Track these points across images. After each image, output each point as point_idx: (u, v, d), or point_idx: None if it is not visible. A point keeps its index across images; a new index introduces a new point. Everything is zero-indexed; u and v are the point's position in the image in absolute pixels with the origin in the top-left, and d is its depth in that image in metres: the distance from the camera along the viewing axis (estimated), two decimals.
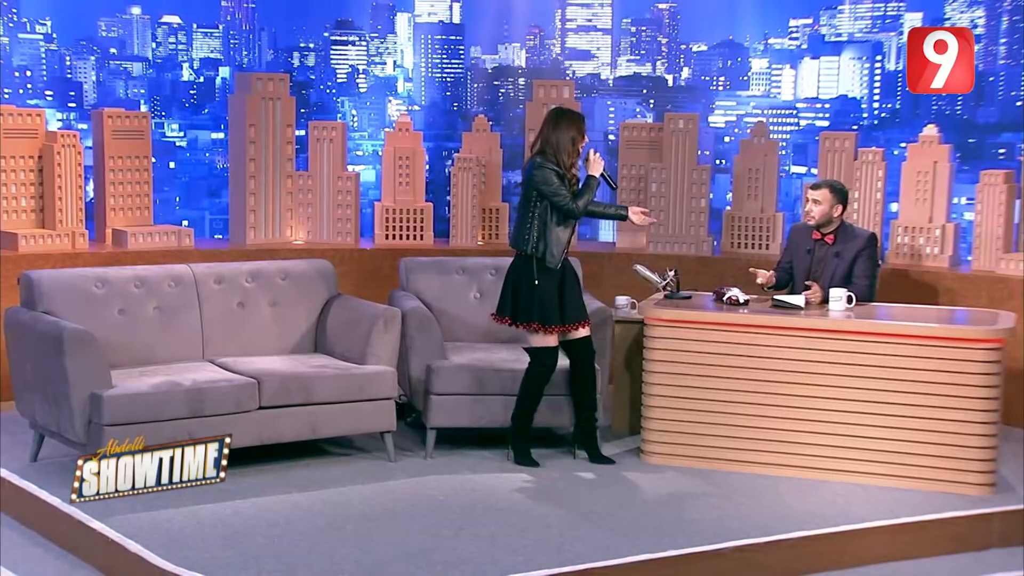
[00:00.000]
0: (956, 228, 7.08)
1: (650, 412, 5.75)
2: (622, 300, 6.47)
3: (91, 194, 7.50)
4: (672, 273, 5.97)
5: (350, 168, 7.88)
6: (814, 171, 7.66)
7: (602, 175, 5.61)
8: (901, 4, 23.11)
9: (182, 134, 25.34)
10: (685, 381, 5.65)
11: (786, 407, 5.54)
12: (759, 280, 6.08)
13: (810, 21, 24.27)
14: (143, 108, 21.63)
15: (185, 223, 7.81)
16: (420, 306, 6.01)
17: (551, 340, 5.56)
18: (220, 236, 10.20)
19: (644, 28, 25.61)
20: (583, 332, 5.60)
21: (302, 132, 7.88)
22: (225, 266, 6.17)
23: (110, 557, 4.47)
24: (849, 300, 5.72)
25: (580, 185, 5.58)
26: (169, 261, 6.60)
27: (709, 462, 5.63)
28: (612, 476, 5.56)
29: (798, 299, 5.73)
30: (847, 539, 4.78)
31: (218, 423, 5.32)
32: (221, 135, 23.79)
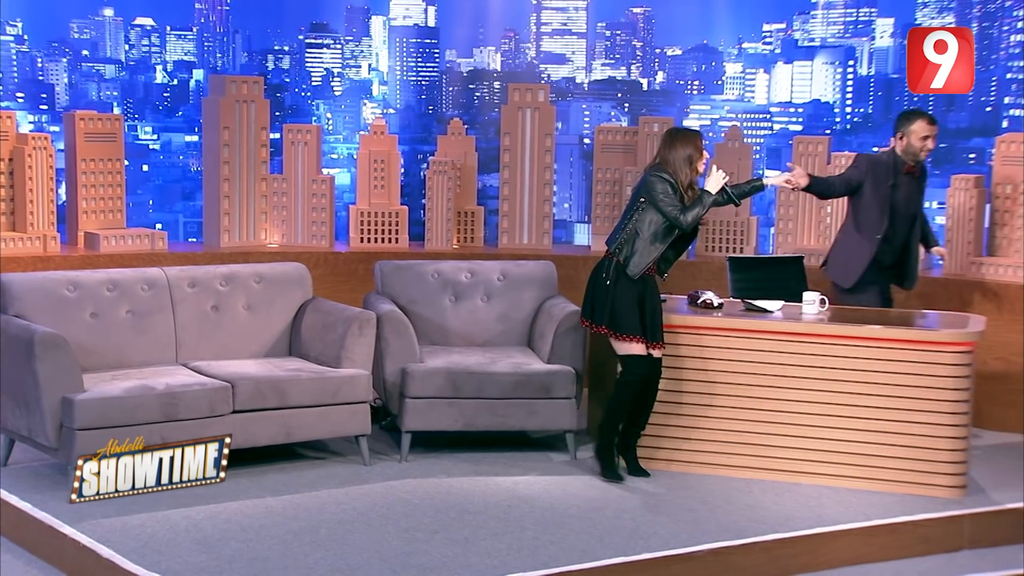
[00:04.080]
0: None
1: None
2: None
3: (63, 197, 7.45)
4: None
5: (325, 171, 7.86)
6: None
7: (724, 189, 5.51)
8: (873, 10, 23.28)
9: (155, 137, 25.18)
10: (659, 384, 5.66)
11: (759, 410, 5.56)
12: (791, 176, 5.91)
13: (783, 26, 24.40)
14: (116, 110, 21.48)
15: (159, 226, 7.78)
16: (395, 309, 6.01)
17: (637, 348, 5.45)
18: (194, 239, 10.16)
19: (619, 32, 25.66)
20: (656, 353, 5.51)
21: (276, 135, 7.85)
22: (199, 269, 6.14)
23: (81, 562, 4.43)
24: (822, 303, 5.76)
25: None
26: (142, 264, 6.56)
27: (683, 465, 5.65)
28: (587, 480, 5.56)
29: (772, 304, 5.76)
30: (820, 541, 4.80)
31: (191, 427, 5.29)
32: (195, 138, 23.66)
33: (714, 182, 5.50)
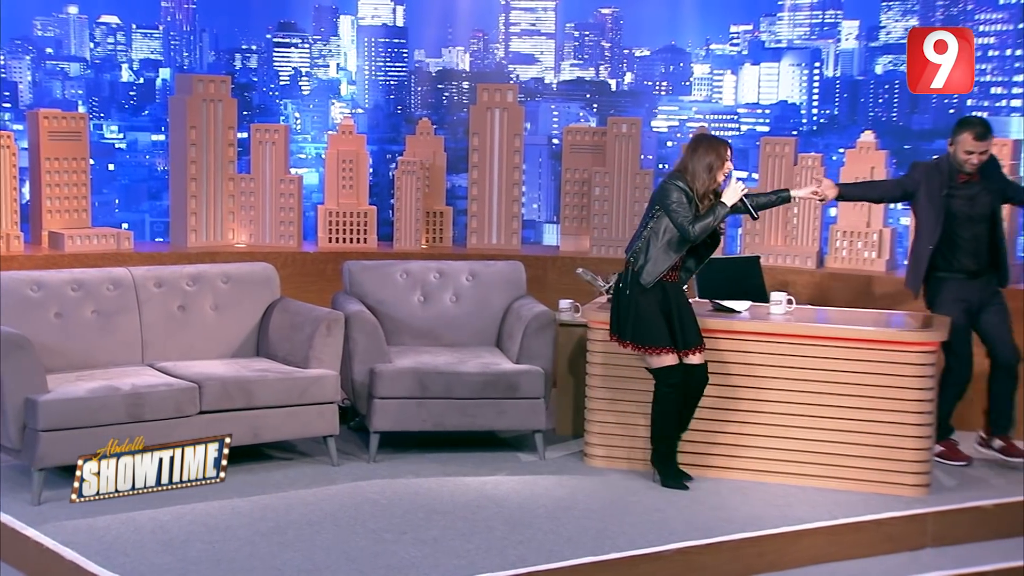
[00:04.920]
0: (893, 233, 7.20)
1: (593, 415, 5.77)
2: (565, 303, 6.50)
3: (27, 196, 7.38)
4: (615, 276, 5.99)
5: (293, 171, 7.84)
6: (755, 176, 7.76)
7: (742, 201, 5.38)
8: (838, 12, 23.44)
9: (121, 136, 24.94)
10: (627, 384, 5.68)
11: (727, 410, 5.59)
12: (818, 189, 5.78)
13: (750, 27, 24.53)
14: (81, 109, 21.27)
15: (125, 226, 7.72)
16: (363, 309, 5.99)
17: (669, 359, 5.35)
18: (161, 239, 10.09)
19: (587, 33, 25.68)
20: (695, 359, 5.40)
21: (244, 135, 7.82)
22: (165, 269, 6.09)
23: (44, 565, 4.39)
24: (789, 303, 5.79)
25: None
26: (108, 264, 6.51)
27: (651, 465, 5.66)
28: (555, 479, 5.57)
29: (740, 304, 5.79)
30: (787, 540, 4.83)
31: (158, 428, 5.25)
32: (162, 137, 23.44)
33: (731, 194, 5.35)
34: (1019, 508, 5.22)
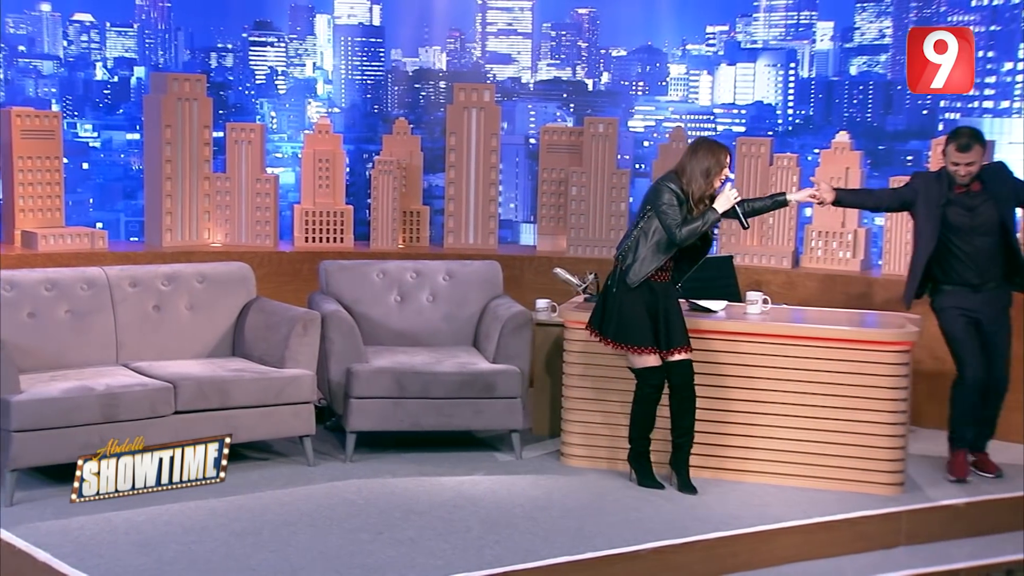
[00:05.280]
0: (867, 233, 7.25)
1: (569, 415, 5.78)
2: (542, 303, 6.50)
3: None
4: (591, 276, 6.02)
5: (269, 170, 7.81)
6: (731, 175, 7.79)
7: (735, 209, 5.33)
8: (813, 13, 23.58)
9: (96, 135, 24.78)
10: (604, 384, 5.69)
11: (703, 409, 5.60)
12: (816, 191, 5.71)
13: (726, 28, 24.63)
14: (54, 107, 21.11)
15: (99, 225, 7.67)
16: (340, 309, 5.98)
17: (651, 360, 5.33)
18: (136, 239, 10.03)
19: (564, 32, 25.72)
20: (679, 356, 5.36)
21: (220, 134, 7.78)
22: (140, 268, 6.06)
23: (17, 567, 4.36)
24: (765, 303, 5.82)
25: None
26: (82, 264, 6.46)
27: (627, 464, 5.68)
28: (532, 479, 5.58)
29: (716, 304, 5.82)
30: (762, 539, 4.86)
31: (133, 428, 5.22)
32: (136, 136, 23.30)
33: (723, 201, 5.31)
34: (991, 506, 5.28)
